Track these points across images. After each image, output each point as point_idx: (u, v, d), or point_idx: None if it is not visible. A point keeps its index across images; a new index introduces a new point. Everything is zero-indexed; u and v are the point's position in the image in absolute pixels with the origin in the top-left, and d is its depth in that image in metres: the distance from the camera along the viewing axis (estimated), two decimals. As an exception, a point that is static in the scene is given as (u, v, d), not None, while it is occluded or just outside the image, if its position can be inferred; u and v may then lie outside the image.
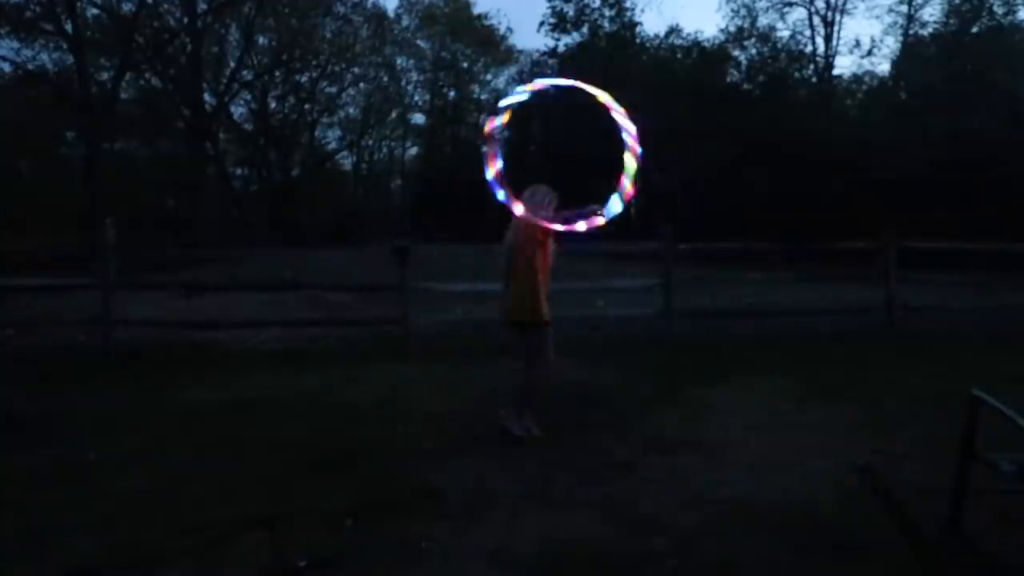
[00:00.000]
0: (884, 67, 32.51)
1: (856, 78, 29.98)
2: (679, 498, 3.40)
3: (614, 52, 32.08)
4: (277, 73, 32.08)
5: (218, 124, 29.84)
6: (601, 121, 4.32)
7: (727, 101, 26.27)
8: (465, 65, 38.63)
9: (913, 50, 26.36)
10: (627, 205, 3.94)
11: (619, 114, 4.01)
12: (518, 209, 3.98)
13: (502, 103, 4.15)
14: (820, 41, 29.28)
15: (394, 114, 38.14)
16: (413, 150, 40.33)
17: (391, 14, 36.16)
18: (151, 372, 6.29)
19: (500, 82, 39.34)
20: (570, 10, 33.22)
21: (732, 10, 30.12)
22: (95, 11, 24.91)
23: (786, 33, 29.98)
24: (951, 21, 25.35)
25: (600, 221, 3.95)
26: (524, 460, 3.91)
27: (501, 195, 3.87)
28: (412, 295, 7.50)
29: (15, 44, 22.70)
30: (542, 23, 33.90)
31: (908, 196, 20.43)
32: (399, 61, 37.47)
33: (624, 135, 3.97)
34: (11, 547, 2.90)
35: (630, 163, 3.96)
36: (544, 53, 35.23)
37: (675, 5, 54.49)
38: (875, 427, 4.53)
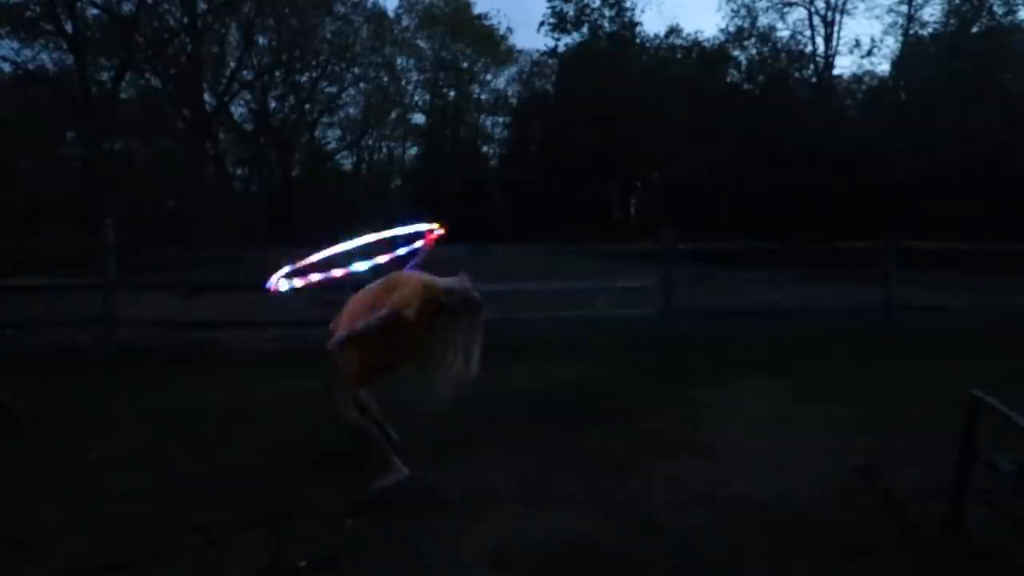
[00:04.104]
0: (884, 67, 32.63)
1: (856, 78, 30.06)
2: (679, 498, 3.40)
3: (614, 52, 32.09)
4: (277, 73, 32.06)
5: (218, 124, 29.83)
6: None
7: (727, 101, 26.30)
8: (465, 65, 38.62)
9: (913, 50, 26.37)
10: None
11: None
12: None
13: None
14: (820, 41, 29.35)
15: (394, 114, 38.12)
16: (413, 150, 40.38)
17: (391, 14, 36.21)
18: (151, 372, 6.29)
19: (500, 82, 39.45)
20: (570, 10, 33.29)
21: (732, 10, 30.21)
22: (95, 11, 24.90)
23: (786, 33, 30.10)
24: (951, 21, 25.38)
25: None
26: (524, 460, 3.91)
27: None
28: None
29: (15, 44, 22.73)
30: (542, 23, 34.02)
31: (908, 196, 20.45)
32: (399, 61, 37.48)
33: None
34: (11, 547, 2.90)
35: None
36: (544, 53, 35.37)
37: (675, 5, 54.56)
38: (875, 427, 4.53)
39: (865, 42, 36.08)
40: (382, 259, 3.75)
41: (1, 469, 3.82)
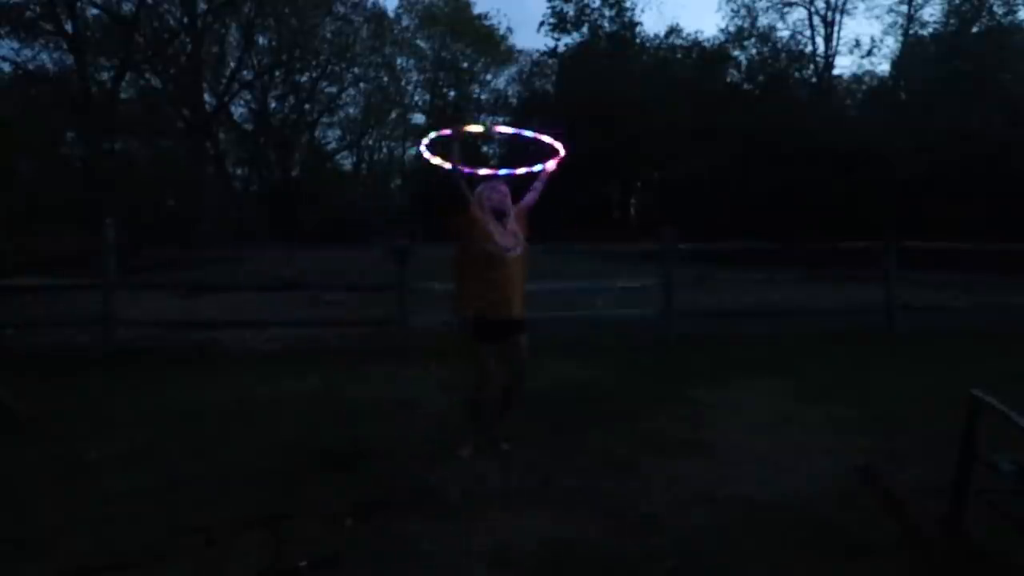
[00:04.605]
0: (884, 67, 32.61)
1: (856, 78, 30.10)
2: (679, 498, 3.40)
3: (614, 52, 32.07)
4: (277, 73, 32.12)
5: (218, 124, 29.84)
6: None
7: (727, 101, 26.29)
8: (465, 65, 38.64)
9: (913, 50, 26.37)
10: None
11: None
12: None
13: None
14: (820, 41, 29.39)
15: (394, 114, 38.18)
16: (413, 150, 40.38)
17: (391, 14, 36.28)
18: (151, 372, 6.29)
19: (500, 82, 39.46)
20: (570, 10, 33.26)
21: (732, 10, 30.24)
22: (95, 11, 24.93)
23: (786, 33, 30.10)
24: (951, 21, 25.38)
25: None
26: (524, 460, 3.91)
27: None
28: (412, 295, 7.50)
29: (15, 44, 22.76)
30: (542, 23, 33.98)
31: (908, 196, 20.44)
32: (399, 61, 37.57)
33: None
34: (11, 547, 2.90)
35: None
36: (544, 53, 35.31)
37: (675, 5, 54.54)
38: (875, 427, 4.53)
39: (865, 42, 36.12)
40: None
41: (1, 469, 3.82)
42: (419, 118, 39.52)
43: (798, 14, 35.49)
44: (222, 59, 30.25)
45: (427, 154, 4.39)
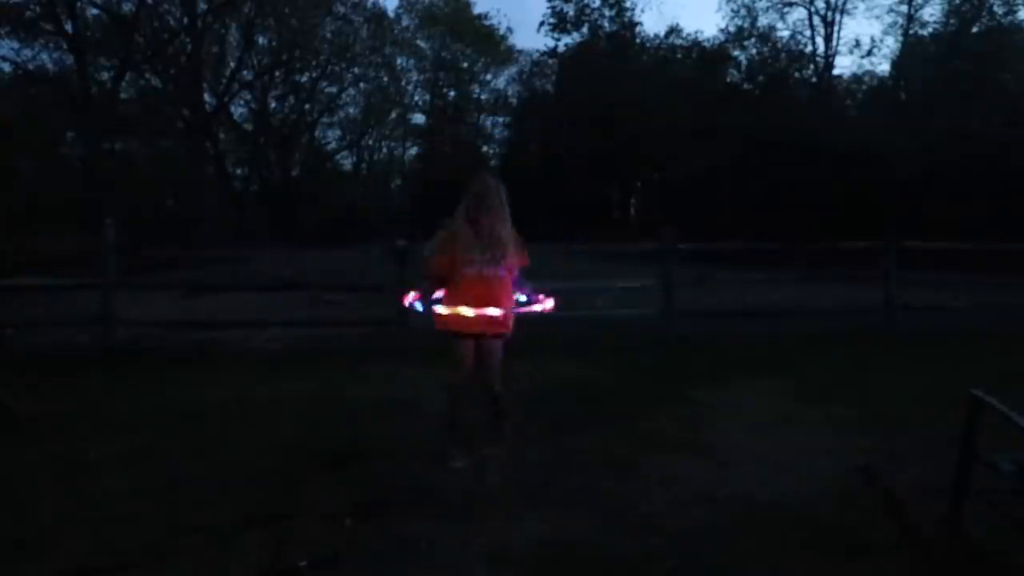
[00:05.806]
0: (884, 67, 32.58)
1: (856, 78, 30.08)
2: (679, 498, 3.40)
3: (614, 52, 32.08)
4: (277, 73, 32.09)
5: (218, 124, 29.83)
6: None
7: (727, 101, 26.29)
8: (465, 65, 38.64)
9: (913, 50, 26.37)
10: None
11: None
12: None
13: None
14: (820, 41, 29.37)
15: (394, 114, 38.16)
16: (413, 150, 40.40)
17: (391, 14, 36.25)
18: (151, 372, 6.29)
19: (500, 82, 39.47)
20: (570, 10, 33.28)
21: (732, 10, 30.22)
22: (95, 11, 24.93)
23: (786, 33, 30.07)
24: (951, 21, 25.38)
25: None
26: (524, 460, 3.91)
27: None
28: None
29: (15, 44, 22.76)
30: (542, 23, 33.99)
31: (908, 196, 20.45)
32: (399, 61, 37.53)
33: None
34: (11, 547, 2.90)
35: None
36: (544, 53, 35.33)
37: (675, 5, 54.56)
38: (875, 427, 4.53)
39: (865, 42, 36.00)
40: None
41: (1, 469, 3.82)
42: (419, 118, 39.58)
43: (798, 14, 35.40)
44: (222, 59, 30.23)
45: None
